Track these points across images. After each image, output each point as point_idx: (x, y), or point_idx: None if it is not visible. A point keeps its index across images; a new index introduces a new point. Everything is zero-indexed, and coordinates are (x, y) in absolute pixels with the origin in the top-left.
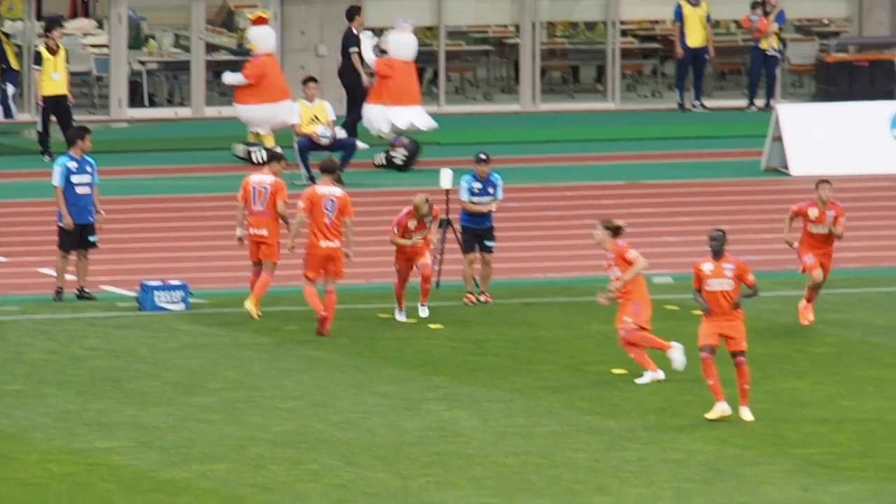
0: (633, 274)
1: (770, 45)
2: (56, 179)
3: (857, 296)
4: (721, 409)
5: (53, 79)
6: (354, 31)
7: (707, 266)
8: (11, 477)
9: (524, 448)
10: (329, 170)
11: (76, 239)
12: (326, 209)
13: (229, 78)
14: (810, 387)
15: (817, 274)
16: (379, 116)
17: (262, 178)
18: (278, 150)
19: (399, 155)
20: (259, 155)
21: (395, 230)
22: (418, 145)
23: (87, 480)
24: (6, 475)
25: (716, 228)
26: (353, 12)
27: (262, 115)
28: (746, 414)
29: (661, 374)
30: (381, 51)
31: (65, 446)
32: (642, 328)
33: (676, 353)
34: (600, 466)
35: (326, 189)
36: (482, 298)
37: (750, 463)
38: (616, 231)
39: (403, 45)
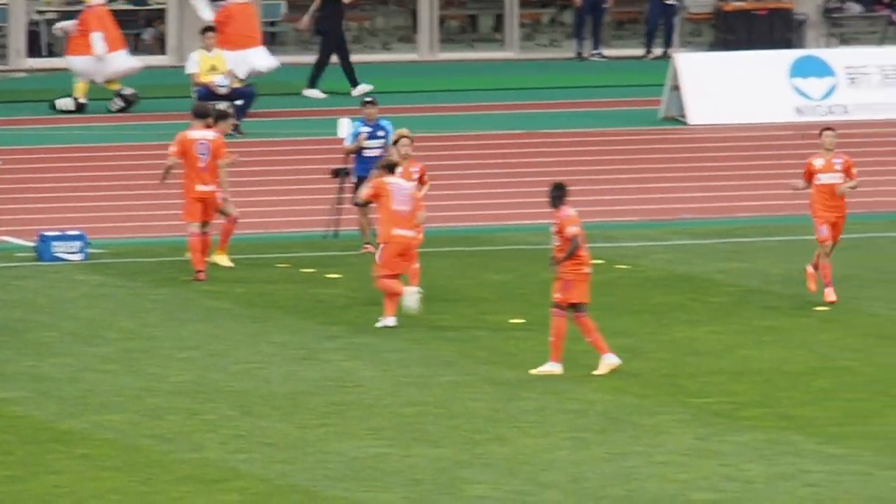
0: None
1: None
2: None
3: (755, 244)
4: (609, 362)
5: None
6: None
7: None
8: None
9: (422, 398)
10: (200, 115)
11: None
12: (200, 153)
13: (64, 25)
14: (708, 336)
15: (827, 246)
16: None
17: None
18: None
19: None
20: (116, 105)
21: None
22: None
23: None
24: None
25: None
26: None
27: (95, 66)
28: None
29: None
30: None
31: None
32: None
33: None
34: (498, 416)
35: (199, 133)
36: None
37: (647, 412)
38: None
39: None
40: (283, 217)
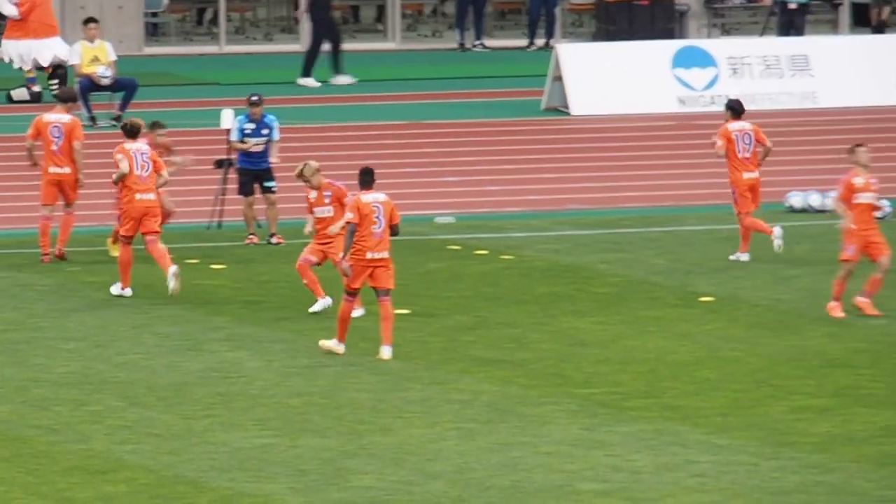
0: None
1: None
2: None
3: (638, 235)
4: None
5: None
6: None
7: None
8: None
9: (307, 388)
10: (63, 98)
11: None
12: (53, 136)
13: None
14: (593, 326)
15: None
16: (18, 50)
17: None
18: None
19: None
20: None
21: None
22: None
23: None
24: None
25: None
26: None
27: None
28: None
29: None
30: None
31: None
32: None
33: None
34: (383, 407)
35: (54, 116)
36: (273, 240)
37: (533, 403)
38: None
39: None
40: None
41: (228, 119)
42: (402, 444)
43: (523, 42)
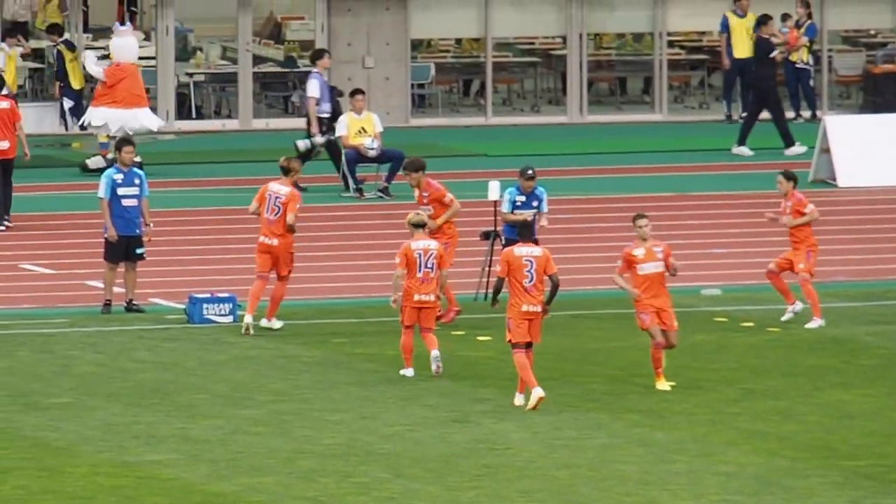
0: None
1: (800, 57)
2: (101, 191)
3: None
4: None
5: None
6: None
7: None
8: (60, 490)
9: (574, 460)
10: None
11: (122, 251)
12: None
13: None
14: (859, 398)
15: None
16: (107, 118)
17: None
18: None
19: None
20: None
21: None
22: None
23: (137, 494)
24: (55, 488)
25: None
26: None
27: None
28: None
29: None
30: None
31: (114, 459)
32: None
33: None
34: (650, 479)
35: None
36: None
37: (799, 475)
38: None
39: (126, 48)
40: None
41: (495, 191)
42: None
43: (789, 114)
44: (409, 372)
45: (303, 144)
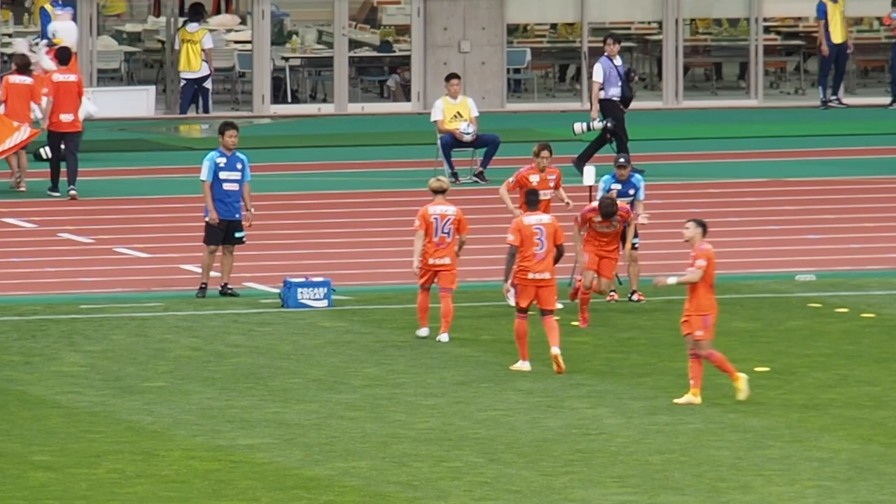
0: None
1: None
2: (204, 174)
3: None
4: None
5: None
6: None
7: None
8: (155, 474)
9: (668, 446)
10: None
11: (221, 235)
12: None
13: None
14: None
15: None
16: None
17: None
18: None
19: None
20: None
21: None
22: None
23: (230, 477)
24: (149, 472)
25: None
26: None
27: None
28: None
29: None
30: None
31: (207, 443)
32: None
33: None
34: (743, 464)
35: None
36: (634, 297)
37: (893, 461)
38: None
39: (66, 32)
40: None
41: (591, 176)
42: (762, 501)
43: (886, 100)
44: (423, 332)
45: (579, 127)
